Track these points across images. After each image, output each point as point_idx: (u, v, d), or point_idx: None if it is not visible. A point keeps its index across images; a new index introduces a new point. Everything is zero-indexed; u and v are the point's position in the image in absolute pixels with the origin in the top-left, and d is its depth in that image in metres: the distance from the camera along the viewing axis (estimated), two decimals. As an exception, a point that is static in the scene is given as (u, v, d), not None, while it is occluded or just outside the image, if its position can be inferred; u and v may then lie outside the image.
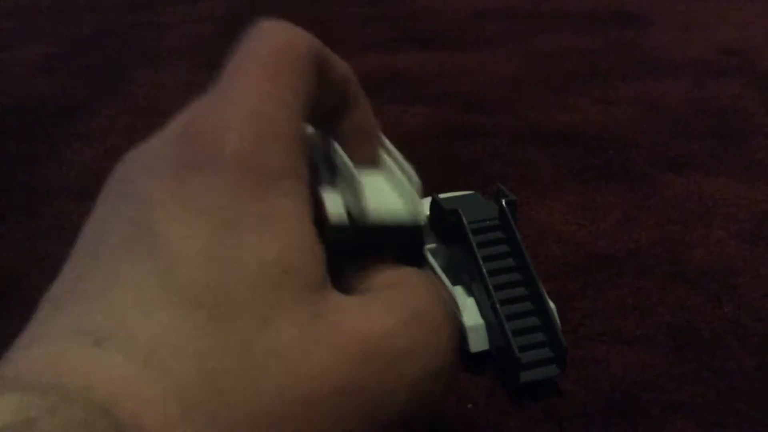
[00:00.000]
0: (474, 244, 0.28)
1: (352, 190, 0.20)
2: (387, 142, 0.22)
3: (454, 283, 0.29)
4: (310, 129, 0.22)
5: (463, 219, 0.28)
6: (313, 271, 0.17)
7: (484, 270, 0.27)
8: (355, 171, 0.20)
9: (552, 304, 0.28)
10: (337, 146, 0.21)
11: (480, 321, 0.28)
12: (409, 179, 0.21)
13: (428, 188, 0.24)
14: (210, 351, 0.15)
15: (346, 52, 0.24)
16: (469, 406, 0.27)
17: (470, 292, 0.29)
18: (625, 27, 0.65)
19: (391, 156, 0.22)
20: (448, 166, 0.35)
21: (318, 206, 0.20)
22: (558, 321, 0.27)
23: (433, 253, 0.30)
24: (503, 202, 0.28)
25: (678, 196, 0.39)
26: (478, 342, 0.28)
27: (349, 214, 0.20)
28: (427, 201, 0.30)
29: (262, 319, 0.15)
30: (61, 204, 0.41)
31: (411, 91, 0.54)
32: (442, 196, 0.30)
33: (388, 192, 0.21)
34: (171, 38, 0.67)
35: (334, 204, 0.20)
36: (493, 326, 0.27)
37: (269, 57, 0.18)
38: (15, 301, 0.33)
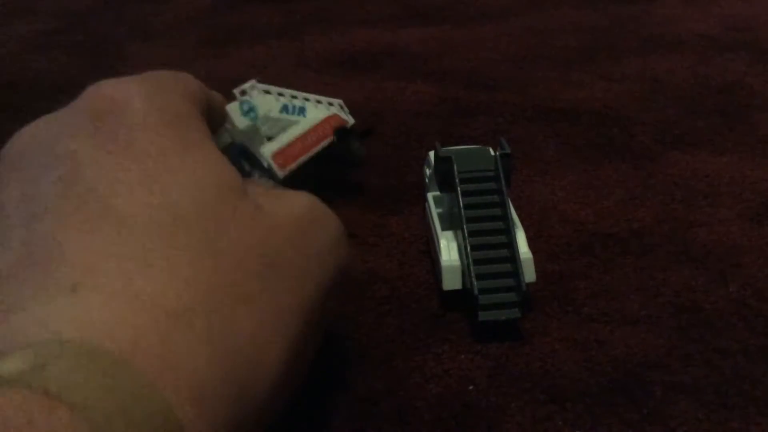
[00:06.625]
0: (459, 191, 0.30)
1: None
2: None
3: (447, 229, 0.31)
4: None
5: (454, 167, 0.30)
6: (237, 180, 0.20)
7: (464, 215, 0.29)
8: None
9: (529, 255, 0.29)
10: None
11: (456, 263, 0.30)
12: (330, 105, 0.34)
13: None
14: (178, 263, 0.17)
15: (345, 28, 0.24)
16: (471, 387, 0.27)
17: (456, 237, 0.31)
18: (628, 2, 0.64)
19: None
20: (450, 143, 0.34)
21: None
22: (531, 270, 0.29)
23: (436, 200, 0.33)
24: (497, 155, 0.31)
25: (682, 175, 0.39)
26: (451, 281, 0.30)
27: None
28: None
29: (216, 223, 0.18)
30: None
31: (411, 68, 0.53)
32: (452, 148, 0.32)
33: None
34: (167, 13, 0.66)
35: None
36: (466, 269, 0.29)
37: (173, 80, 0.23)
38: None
